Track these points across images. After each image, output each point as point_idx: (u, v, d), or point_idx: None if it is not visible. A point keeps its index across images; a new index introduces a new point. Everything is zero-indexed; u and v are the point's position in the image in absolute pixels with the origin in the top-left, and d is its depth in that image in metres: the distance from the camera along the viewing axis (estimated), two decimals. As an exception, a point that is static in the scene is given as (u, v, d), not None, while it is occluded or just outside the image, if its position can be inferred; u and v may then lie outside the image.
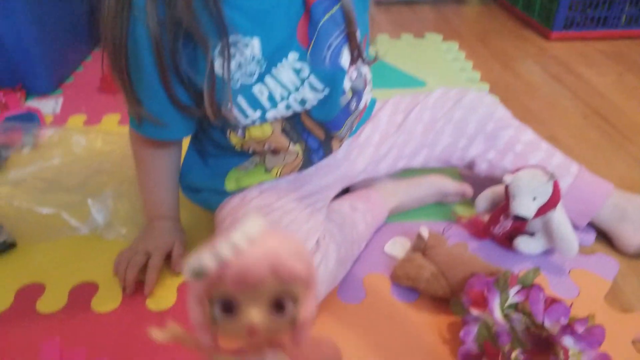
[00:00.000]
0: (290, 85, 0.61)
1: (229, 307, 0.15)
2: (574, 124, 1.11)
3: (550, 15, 1.54)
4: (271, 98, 0.61)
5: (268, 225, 0.16)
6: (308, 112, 0.66)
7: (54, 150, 0.90)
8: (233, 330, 0.15)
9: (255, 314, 0.15)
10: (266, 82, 0.60)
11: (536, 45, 1.53)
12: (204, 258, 0.15)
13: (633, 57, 1.44)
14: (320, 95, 0.64)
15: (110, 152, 0.91)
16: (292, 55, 0.60)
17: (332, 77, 0.64)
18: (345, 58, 0.65)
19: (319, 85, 0.63)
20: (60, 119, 1.12)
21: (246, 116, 0.62)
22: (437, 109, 0.81)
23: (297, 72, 0.61)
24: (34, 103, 1.17)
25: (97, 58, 1.43)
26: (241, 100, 0.60)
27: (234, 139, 0.66)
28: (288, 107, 0.63)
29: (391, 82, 1.26)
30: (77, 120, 1.11)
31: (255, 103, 0.61)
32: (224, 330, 0.16)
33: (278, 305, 0.15)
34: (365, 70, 0.70)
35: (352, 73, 0.67)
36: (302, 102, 0.63)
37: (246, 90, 0.60)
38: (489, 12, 1.83)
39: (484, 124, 0.79)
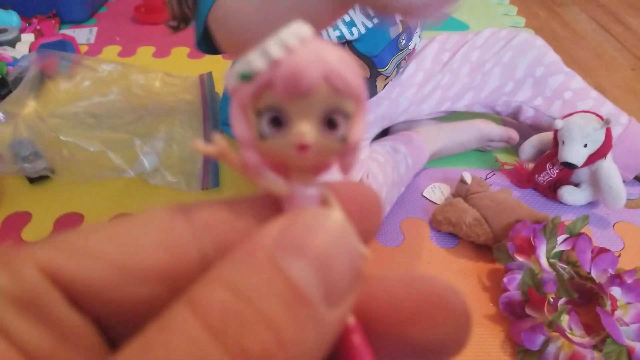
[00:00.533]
0: None
1: (277, 121, 0.13)
2: (621, 76, 1.07)
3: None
4: None
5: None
6: (353, 45, 0.64)
7: (110, 86, 0.87)
8: (281, 147, 0.14)
9: (307, 127, 0.13)
10: None
11: (584, -10, 1.46)
12: (252, 57, 0.13)
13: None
14: (370, 24, 0.62)
15: (168, 94, 0.88)
16: None
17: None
18: None
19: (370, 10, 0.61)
20: (94, 49, 1.10)
21: None
22: (486, 49, 0.78)
23: None
24: (68, 32, 1.16)
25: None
26: None
27: None
28: (335, 28, 0.61)
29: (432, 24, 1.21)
30: (111, 51, 1.10)
31: None
32: (271, 146, 0.14)
33: (329, 122, 0.13)
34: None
35: None
36: (350, 24, 0.61)
37: None
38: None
39: (533, 69, 0.76)
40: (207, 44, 0.55)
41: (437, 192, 0.74)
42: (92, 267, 0.12)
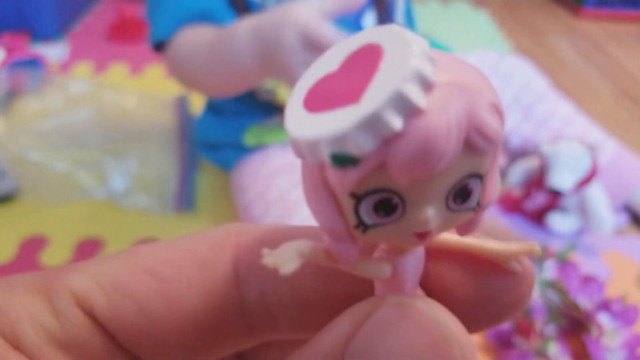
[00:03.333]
0: None
1: (386, 205, 0.10)
2: (604, 105, 1.10)
3: (582, -10, 1.52)
4: None
5: None
6: None
7: (81, 104, 0.87)
8: (393, 236, 0.10)
9: (432, 212, 0.10)
10: None
11: (566, 21, 1.51)
12: (353, 134, 0.09)
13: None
14: None
15: (142, 115, 0.88)
16: None
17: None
18: (369, 20, 0.65)
19: None
20: (66, 65, 1.10)
21: None
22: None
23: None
24: (39, 47, 1.15)
25: (105, 5, 1.40)
26: None
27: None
28: None
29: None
30: (83, 67, 1.10)
31: None
32: (377, 236, 0.10)
33: (461, 192, 0.10)
34: None
35: None
36: None
37: None
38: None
39: (520, 95, 0.78)
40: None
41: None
42: (128, 310, 0.11)
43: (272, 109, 0.68)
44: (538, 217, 0.72)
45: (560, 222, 0.70)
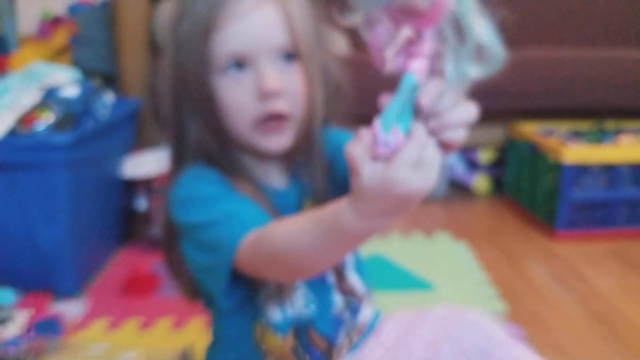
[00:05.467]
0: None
1: None
2: (579, 331, 1.19)
3: (552, 214, 1.70)
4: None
5: None
6: (314, 327, 0.78)
7: None
8: None
9: None
10: None
11: (541, 243, 1.67)
12: None
13: (634, 257, 1.57)
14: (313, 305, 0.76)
15: None
16: None
17: (319, 288, 0.76)
18: (330, 275, 0.78)
19: (310, 294, 0.75)
20: (83, 322, 1.24)
21: None
22: (437, 327, 0.92)
23: None
24: (58, 306, 1.30)
25: (123, 256, 1.59)
26: None
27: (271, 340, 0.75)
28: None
29: (398, 283, 1.38)
30: (99, 324, 1.23)
31: None
32: None
33: None
34: (361, 287, 0.83)
35: (344, 286, 0.80)
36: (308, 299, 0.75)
37: None
38: (496, 208, 2.01)
39: (481, 345, 0.88)
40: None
41: None
42: None
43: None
44: None
45: None
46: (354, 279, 0.81)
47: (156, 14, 1.86)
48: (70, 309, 1.29)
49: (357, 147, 0.44)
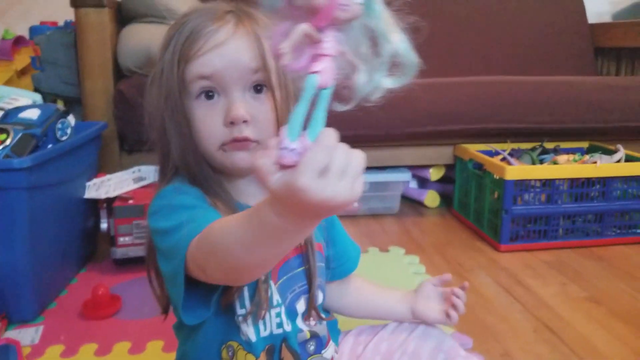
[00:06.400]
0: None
1: None
2: (525, 339, 1.19)
3: (497, 228, 1.71)
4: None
5: None
6: (289, 344, 0.75)
7: None
8: None
9: None
10: None
11: (488, 256, 1.68)
12: None
13: (573, 266, 1.59)
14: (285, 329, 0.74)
15: None
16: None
17: (289, 314, 0.75)
18: (301, 304, 0.76)
19: (284, 318, 0.74)
20: (39, 349, 1.15)
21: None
22: (392, 340, 0.89)
23: (271, 298, 0.73)
24: (14, 333, 1.22)
25: (85, 278, 1.51)
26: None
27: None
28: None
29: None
30: (55, 350, 1.15)
31: None
32: None
33: None
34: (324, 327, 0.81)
35: (311, 320, 0.77)
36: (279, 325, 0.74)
37: None
38: (447, 222, 2.02)
39: (435, 355, 0.86)
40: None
41: None
42: None
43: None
44: None
45: None
46: (322, 315, 0.80)
47: (120, 37, 1.81)
48: (26, 336, 1.21)
49: (264, 158, 0.40)
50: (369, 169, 2.01)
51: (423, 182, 2.22)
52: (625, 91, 2.07)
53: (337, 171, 0.37)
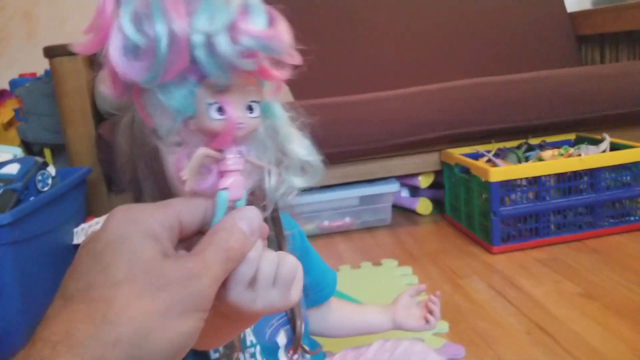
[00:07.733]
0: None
1: None
2: (519, 342, 1.18)
3: (488, 231, 1.71)
4: None
5: None
6: None
7: None
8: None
9: None
10: None
11: (481, 260, 1.67)
12: None
13: (567, 261, 1.58)
14: None
15: None
16: None
17: (269, 350, 0.74)
18: (281, 336, 0.76)
19: (259, 358, 0.74)
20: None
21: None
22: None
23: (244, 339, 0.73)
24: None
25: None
26: None
27: None
28: None
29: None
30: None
31: None
32: None
33: None
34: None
35: (293, 356, 0.78)
36: None
37: None
38: (439, 228, 2.02)
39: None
40: None
41: None
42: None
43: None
44: None
45: None
46: (305, 347, 0.81)
47: (97, 82, 1.85)
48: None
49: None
50: (359, 182, 2.02)
51: (414, 191, 2.22)
52: (606, 79, 2.06)
53: (265, 281, 0.37)
